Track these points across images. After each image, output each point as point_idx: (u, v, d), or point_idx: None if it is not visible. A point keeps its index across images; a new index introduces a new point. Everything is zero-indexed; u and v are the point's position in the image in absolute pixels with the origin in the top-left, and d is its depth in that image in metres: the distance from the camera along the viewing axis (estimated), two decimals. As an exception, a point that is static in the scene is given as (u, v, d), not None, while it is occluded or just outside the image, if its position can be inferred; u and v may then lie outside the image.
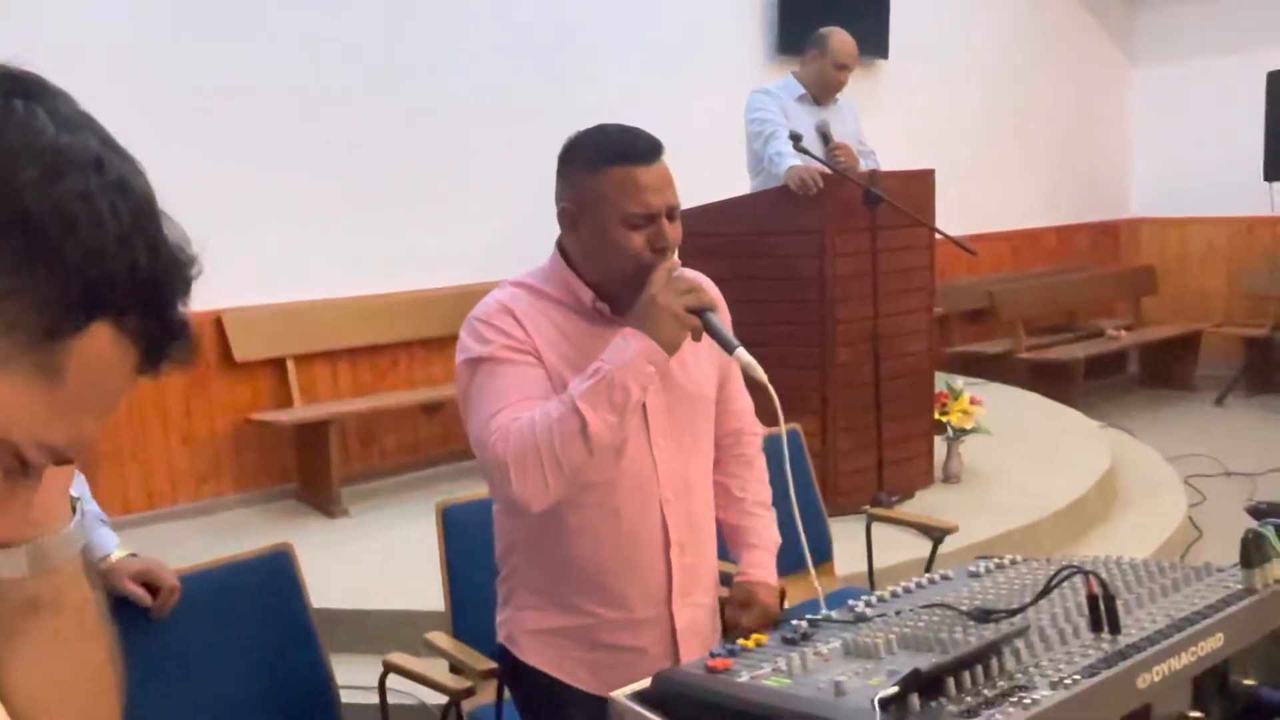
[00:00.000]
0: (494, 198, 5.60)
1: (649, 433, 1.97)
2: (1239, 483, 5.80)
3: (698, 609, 2.06)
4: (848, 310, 4.44)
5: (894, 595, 1.46)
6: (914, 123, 7.26)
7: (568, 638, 2.02)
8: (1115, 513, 5.07)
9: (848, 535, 3.40)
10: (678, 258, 1.96)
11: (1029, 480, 4.97)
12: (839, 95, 4.87)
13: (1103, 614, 1.22)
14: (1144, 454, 6.02)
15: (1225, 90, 8.27)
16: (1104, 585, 1.22)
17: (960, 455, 4.93)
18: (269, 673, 2.31)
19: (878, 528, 3.30)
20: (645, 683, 1.27)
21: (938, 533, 3.07)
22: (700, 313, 1.85)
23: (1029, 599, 1.31)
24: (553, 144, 2.01)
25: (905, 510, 4.31)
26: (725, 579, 2.27)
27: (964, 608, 1.31)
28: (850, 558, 3.35)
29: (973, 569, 1.56)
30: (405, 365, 5.63)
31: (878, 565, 3.32)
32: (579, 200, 1.93)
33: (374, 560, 4.30)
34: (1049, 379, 7.15)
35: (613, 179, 1.88)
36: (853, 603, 1.41)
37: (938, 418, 4.83)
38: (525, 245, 2.80)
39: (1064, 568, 1.32)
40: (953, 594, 1.41)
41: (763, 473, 2.24)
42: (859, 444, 4.53)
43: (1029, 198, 8.64)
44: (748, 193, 4.72)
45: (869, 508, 3.51)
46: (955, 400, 4.84)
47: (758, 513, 2.19)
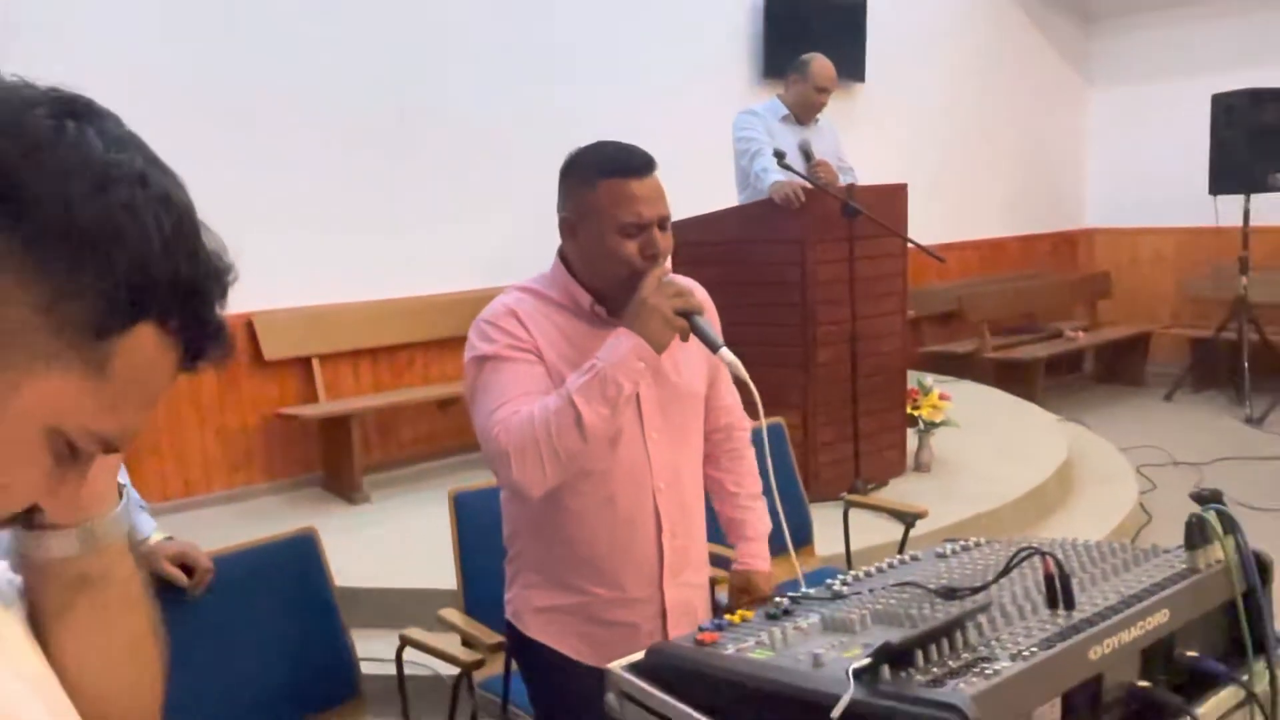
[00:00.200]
0: (501, 211, 5.60)
1: (643, 426, 1.97)
2: (1186, 471, 5.80)
3: (687, 588, 2.06)
4: (827, 313, 4.44)
5: (868, 575, 1.46)
6: (888, 141, 7.26)
7: (568, 614, 2.02)
8: (1072, 499, 5.06)
9: (827, 520, 3.40)
10: (670, 265, 1.96)
11: (993, 469, 4.97)
12: (820, 116, 4.87)
13: (1058, 591, 1.22)
14: (1099, 445, 6.01)
15: (1173, 111, 8.29)
16: (1059, 565, 1.22)
17: (930, 446, 4.94)
18: (295, 646, 2.31)
19: (855, 513, 3.29)
20: (639, 655, 1.27)
21: (909, 517, 3.08)
22: (688, 315, 1.85)
23: (991, 578, 1.31)
24: (551, 160, 2.01)
25: (880, 497, 4.31)
26: (717, 560, 2.28)
27: (932, 586, 1.31)
28: (829, 540, 3.35)
29: (940, 550, 1.56)
30: (421, 364, 5.62)
31: (854, 547, 3.33)
32: (578, 210, 1.93)
33: (392, 543, 4.29)
34: (1012, 376, 7.15)
35: (609, 191, 1.87)
36: (830, 582, 1.41)
37: (910, 412, 4.84)
38: (530, 253, 2.79)
39: (1023, 549, 1.32)
40: (922, 573, 1.41)
41: (752, 464, 2.24)
42: (838, 436, 4.53)
43: (994, 210, 8.65)
44: (736, 205, 4.72)
45: (846, 494, 3.50)
46: (926, 396, 4.84)
47: (751, 505, 2.20)
